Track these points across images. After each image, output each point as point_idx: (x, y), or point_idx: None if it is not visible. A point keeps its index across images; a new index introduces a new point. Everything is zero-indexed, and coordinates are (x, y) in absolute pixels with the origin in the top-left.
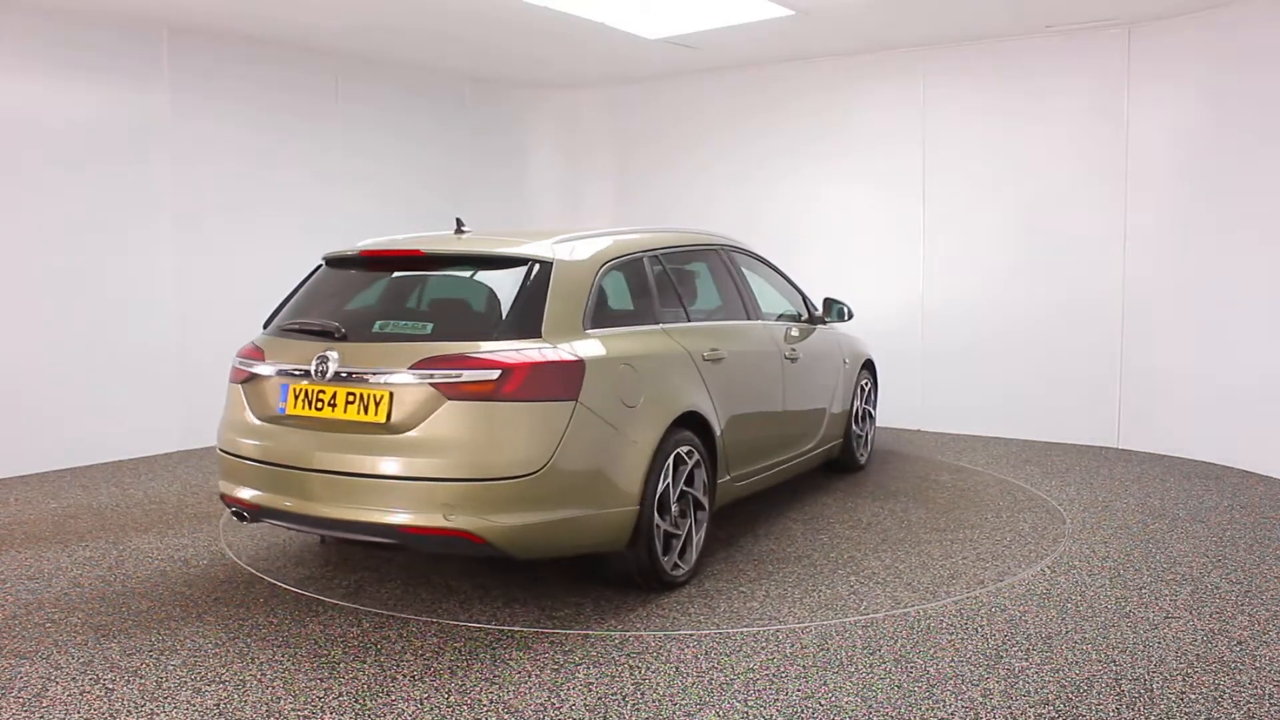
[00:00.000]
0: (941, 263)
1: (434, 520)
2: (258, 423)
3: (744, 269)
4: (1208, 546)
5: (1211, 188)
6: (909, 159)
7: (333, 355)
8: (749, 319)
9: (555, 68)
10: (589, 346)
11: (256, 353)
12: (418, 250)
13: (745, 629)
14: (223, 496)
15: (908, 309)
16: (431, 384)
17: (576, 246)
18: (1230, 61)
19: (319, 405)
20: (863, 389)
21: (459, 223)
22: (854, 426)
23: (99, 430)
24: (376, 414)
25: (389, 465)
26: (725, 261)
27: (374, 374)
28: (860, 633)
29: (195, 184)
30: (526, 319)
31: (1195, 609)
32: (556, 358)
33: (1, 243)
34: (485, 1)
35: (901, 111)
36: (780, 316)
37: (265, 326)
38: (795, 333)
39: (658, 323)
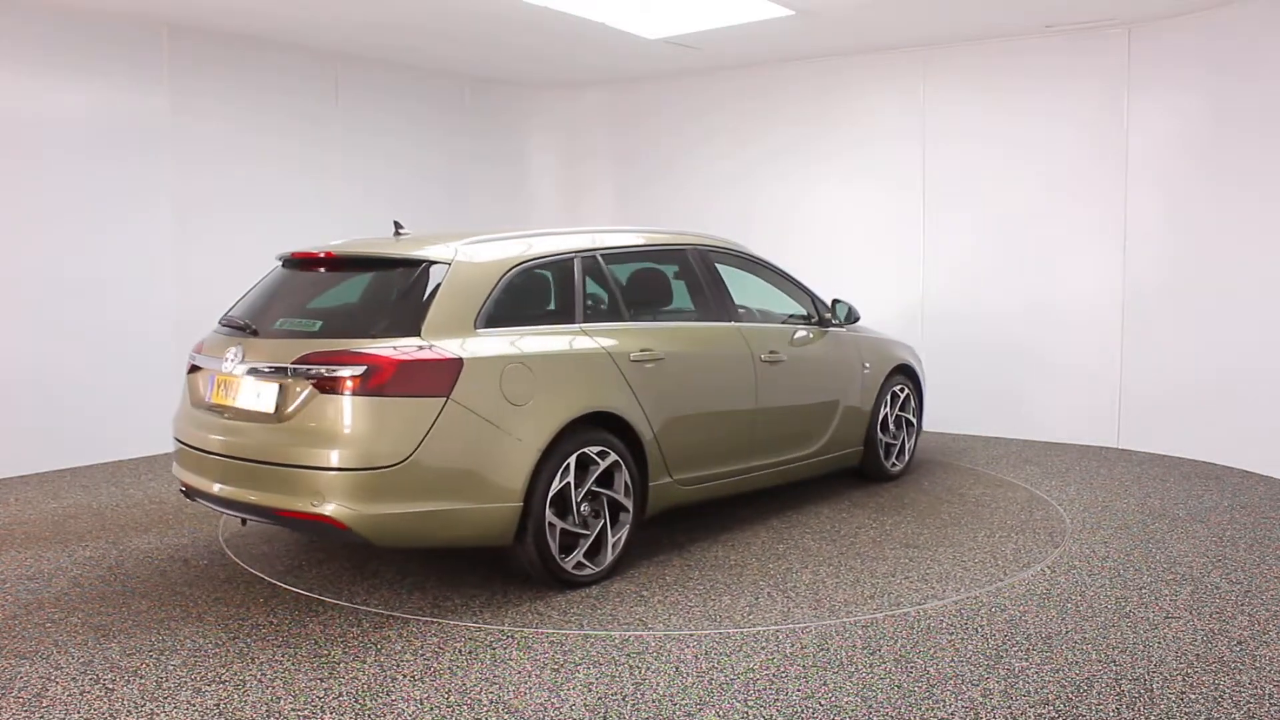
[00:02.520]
0: (941, 262)
1: (302, 505)
2: (194, 410)
3: (721, 269)
4: (1208, 546)
5: (1212, 188)
6: (909, 159)
7: (238, 350)
8: (718, 320)
9: (555, 68)
10: (474, 345)
11: (200, 346)
12: (329, 253)
13: (622, 632)
14: (177, 477)
15: (907, 309)
16: (308, 378)
17: (487, 249)
18: (1230, 61)
19: (230, 395)
20: (895, 395)
21: (397, 225)
22: (880, 434)
23: (99, 430)
24: (267, 405)
25: (271, 452)
26: (695, 262)
27: (266, 367)
28: (860, 633)
29: (195, 183)
30: (408, 318)
31: (1195, 609)
32: (427, 356)
33: (1, 242)
34: (485, 1)
35: (901, 111)
36: (789, 318)
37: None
38: (787, 335)
39: (579, 323)
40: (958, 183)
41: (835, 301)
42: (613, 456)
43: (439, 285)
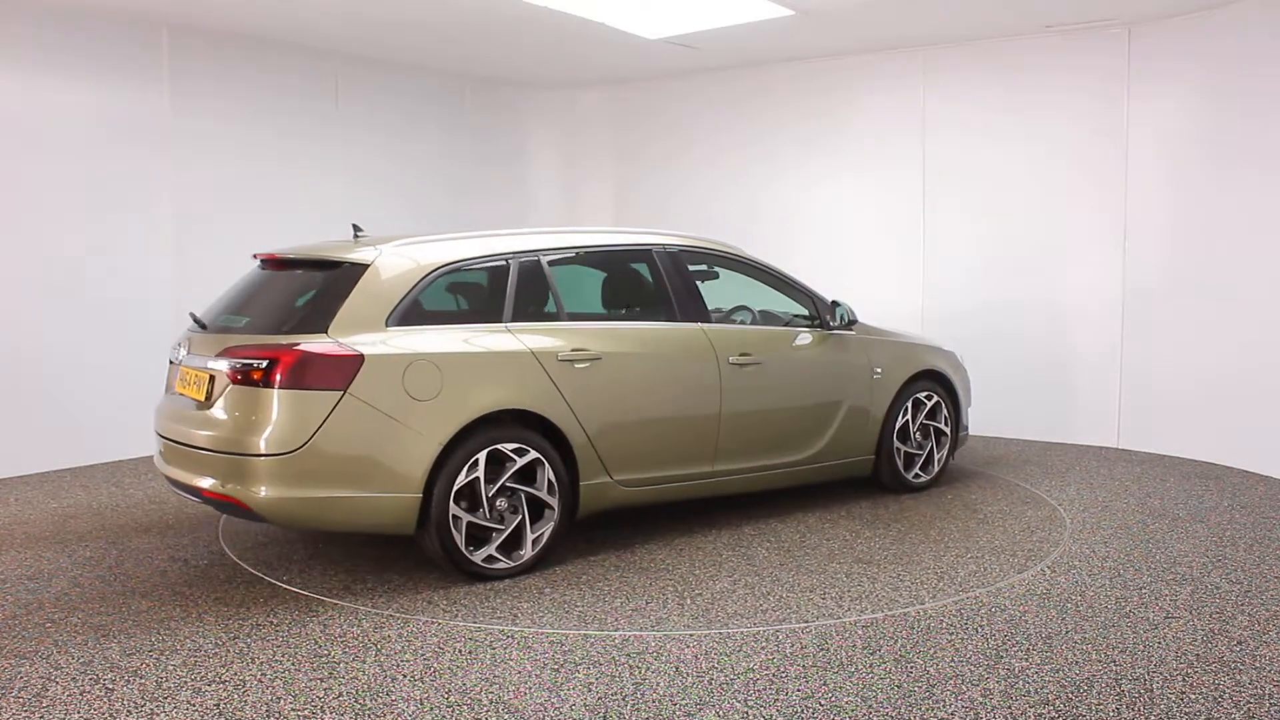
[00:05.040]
0: (941, 262)
1: (215, 486)
2: (164, 399)
3: (699, 270)
4: (1208, 546)
5: (1211, 187)
6: (909, 159)
7: (187, 343)
8: (681, 321)
9: (555, 68)
10: (380, 342)
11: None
12: (272, 255)
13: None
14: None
15: (907, 309)
16: (225, 370)
17: (412, 250)
18: (1229, 61)
19: (184, 384)
20: (919, 403)
21: (356, 228)
22: (898, 443)
23: (99, 430)
24: (201, 393)
25: (199, 438)
26: (661, 262)
27: (201, 360)
28: (860, 632)
29: (195, 183)
30: (318, 316)
31: (1195, 609)
32: (327, 351)
33: (1, 241)
34: (485, 1)
35: (901, 111)
36: (794, 319)
37: None
38: (772, 336)
39: (505, 322)
40: (958, 183)
41: (834, 303)
42: (532, 454)
43: (351, 285)
